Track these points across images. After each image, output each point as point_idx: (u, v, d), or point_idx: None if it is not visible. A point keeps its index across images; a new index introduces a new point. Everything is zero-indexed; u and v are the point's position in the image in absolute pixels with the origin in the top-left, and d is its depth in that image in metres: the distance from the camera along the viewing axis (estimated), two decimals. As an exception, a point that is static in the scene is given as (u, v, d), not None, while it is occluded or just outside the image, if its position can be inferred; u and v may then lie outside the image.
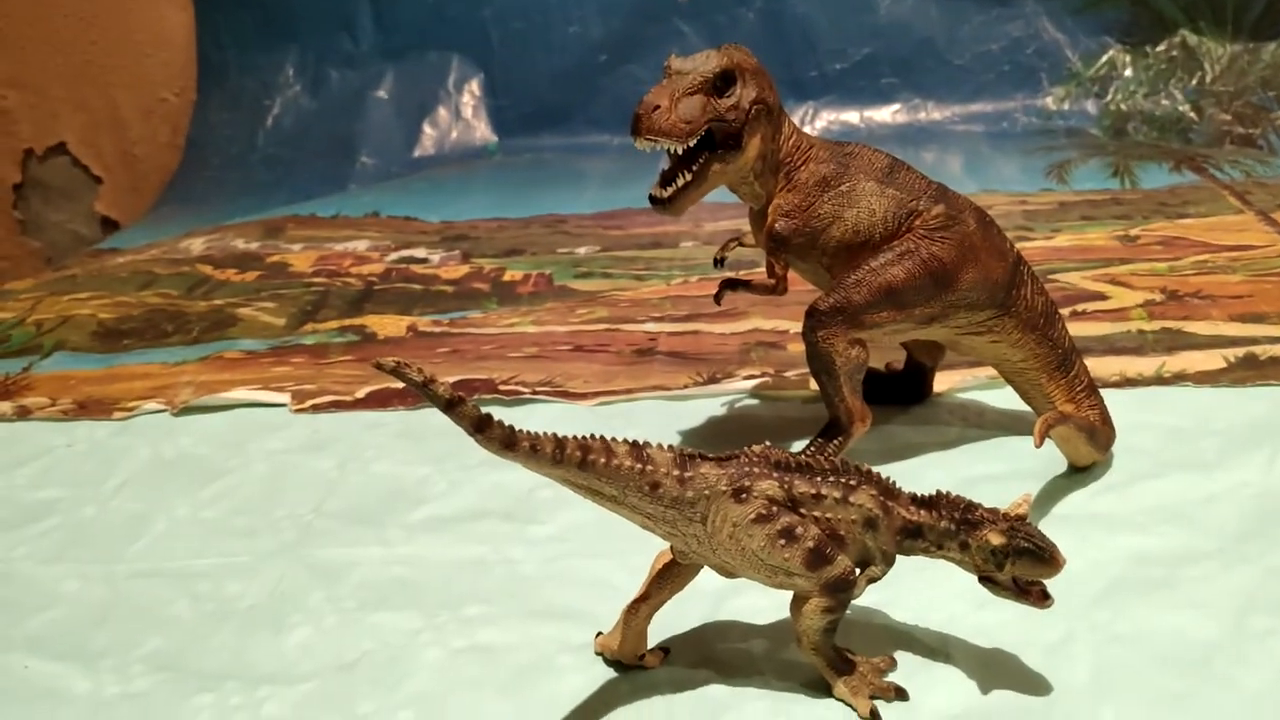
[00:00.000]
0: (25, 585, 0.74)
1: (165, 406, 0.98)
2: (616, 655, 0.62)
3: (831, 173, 0.77)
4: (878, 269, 0.75)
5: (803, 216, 0.77)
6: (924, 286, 0.75)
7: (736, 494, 0.55)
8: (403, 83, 1.89)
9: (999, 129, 1.70)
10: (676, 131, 0.74)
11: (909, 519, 0.57)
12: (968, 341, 0.80)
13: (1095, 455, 0.77)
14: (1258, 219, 1.26)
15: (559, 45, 1.84)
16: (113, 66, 1.97)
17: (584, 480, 0.54)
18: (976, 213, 0.78)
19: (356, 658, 0.65)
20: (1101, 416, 0.78)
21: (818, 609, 0.56)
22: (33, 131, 1.99)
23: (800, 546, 0.55)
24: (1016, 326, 0.78)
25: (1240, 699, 0.57)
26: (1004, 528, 0.55)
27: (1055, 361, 0.78)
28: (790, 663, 0.61)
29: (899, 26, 1.79)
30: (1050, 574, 0.55)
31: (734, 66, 0.75)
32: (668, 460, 0.55)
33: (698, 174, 0.76)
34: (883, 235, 0.76)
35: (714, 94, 0.75)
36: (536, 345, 1.07)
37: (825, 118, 1.77)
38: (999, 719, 0.57)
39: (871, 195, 0.76)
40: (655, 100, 0.74)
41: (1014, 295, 0.77)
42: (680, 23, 1.82)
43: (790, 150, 0.78)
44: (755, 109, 0.76)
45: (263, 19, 1.94)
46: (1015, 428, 0.84)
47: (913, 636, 0.62)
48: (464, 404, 0.50)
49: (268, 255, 1.42)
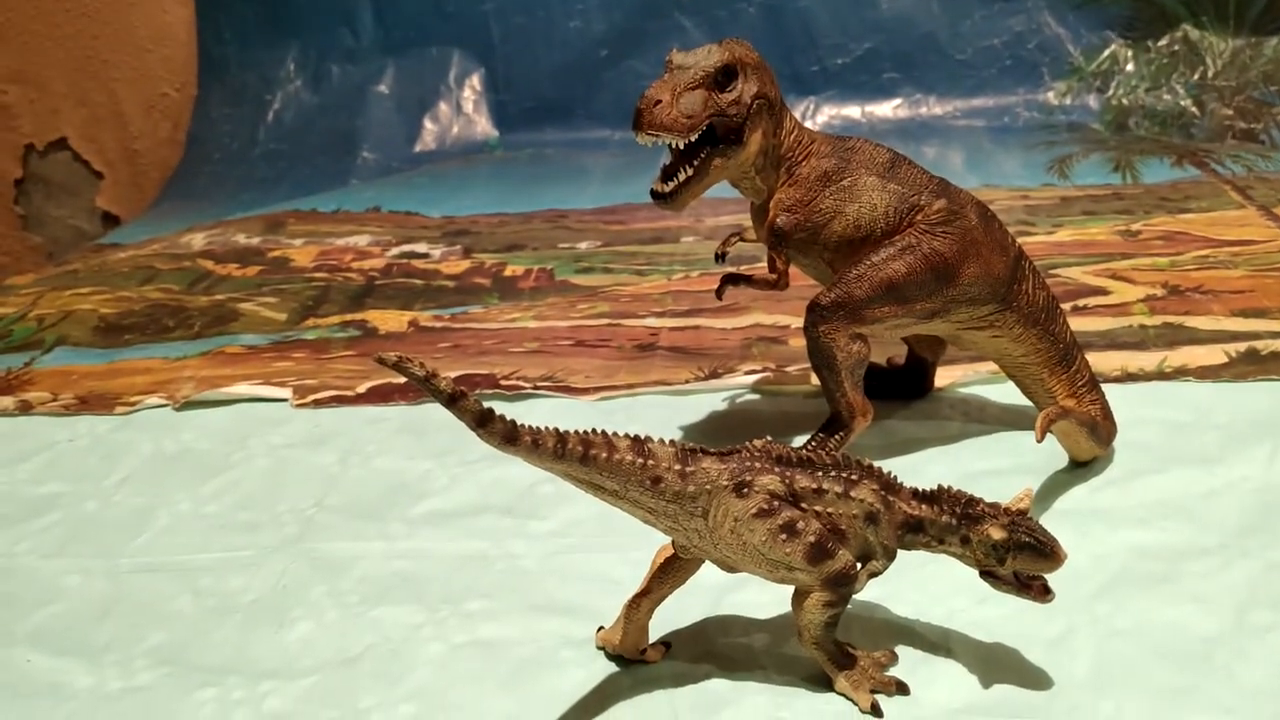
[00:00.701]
0: (27, 580, 0.74)
1: (167, 401, 0.98)
2: (618, 650, 0.62)
3: (833, 167, 0.77)
4: (879, 264, 0.75)
5: (804, 211, 0.77)
6: (925, 281, 0.75)
7: (738, 489, 0.55)
8: (404, 78, 1.89)
9: (1000, 124, 1.70)
10: (678, 126, 0.74)
11: (910, 514, 0.57)
12: (969, 336, 0.80)
13: (1097, 450, 0.77)
14: (1259, 214, 1.26)
15: (560, 40, 1.84)
16: (114, 61, 1.97)
17: (586, 475, 0.54)
18: (978, 207, 0.78)
19: (359, 652, 0.65)
20: (1103, 411, 0.78)
21: (819, 603, 0.56)
22: (34, 126, 1.99)
23: (801, 541, 0.55)
24: (1018, 321, 0.77)
25: (1241, 693, 0.57)
26: (1005, 522, 0.55)
27: (1057, 356, 0.78)
28: (791, 657, 0.61)
29: (900, 21, 1.78)
30: (1052, 568, 0.55)
31: (735, 61, 0.75)
32: (669, 455, 0.55)
33: (699, 169, 0.76)
34: (884, 230, 0.76)
35: (716, 89, 0.75)
36: (538, 340, 1.07)
37: (826, 112, 1.77)
38: (1000, 713, 0.57)
39: (873, 190, 0.76)
40: (657, 95, 0.74)
41: (1016, 290, 0.77)
42: (681, 17, 1.82)
43: (792, 145, 0.78)
44: (757, 103, 0.76)
45: (264, 14, 1.94)
46: (1017, 423, 0.84)
47: (914, 631, 0.62)
48: (466, 399, 0.50)
49: (269, 250, 1.42)
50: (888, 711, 0.57)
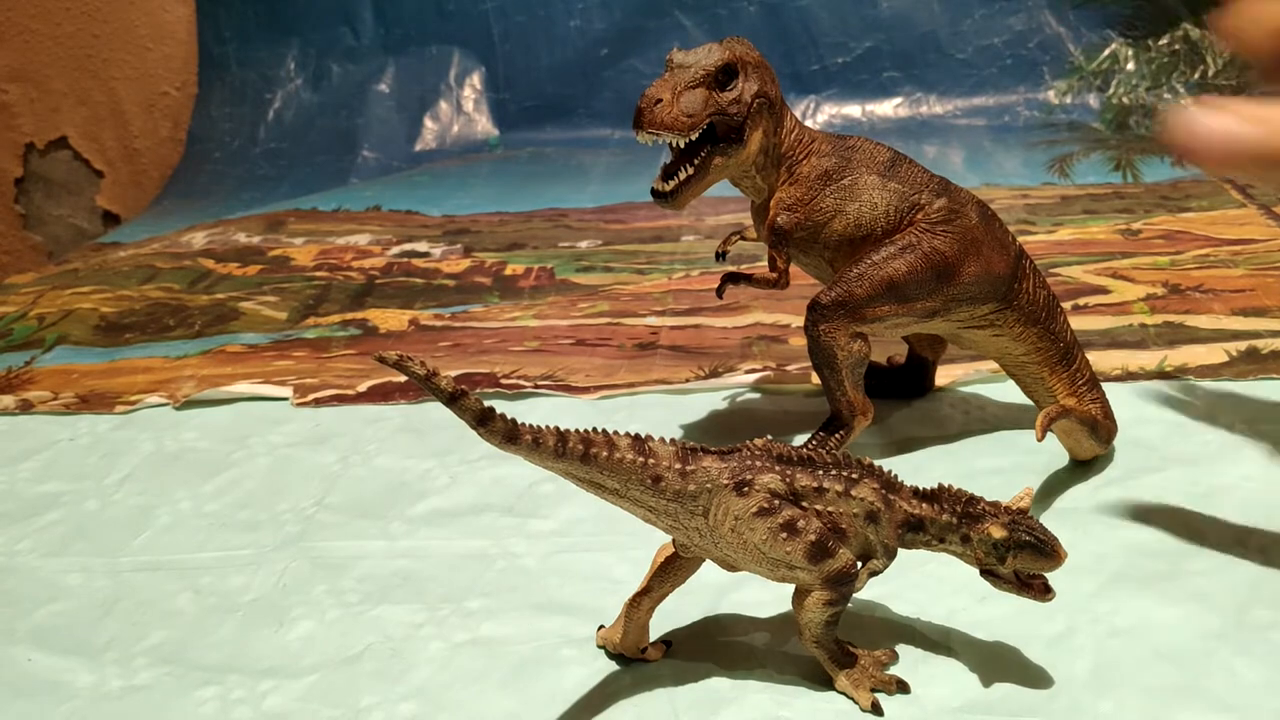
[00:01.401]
0: (29, 579, 0.74)
1: (167, 400, 0.98)
2: (618, 648, 0.62)
3: (833, 166, 0.77)
4: (879, 263, 0.75)
5: (805, 210, 0.77)
6: (926, 280, 0.75)
7: (738, 487, 0.55)
8: (404, 77, 1.89)
9: (1001, 123, 1.70)
10: (678, 125, 0.74)
11: (911, 512, 0.57)
12: (970, 335, 0.80)
13: (1097, 449, 0.77)
14: (1259, 213, 1.26)
15: (560, 39, 1.84)
16: (114, 60, 1.97)
17: (586, 474, 0.54)
18: (978, 206, 0.78)
19: (359, 651, 0.65)
20: (1103, 410, 0.78)
21: (819, 602, 0.56)
22: (34, 125, 2.00)
23: (802, 540, 0.55)
24: (1019, 320, 0.78)
25: (1241, 692, 0.57)
26: (1005, 521, 0.55)
27: (1057, 355, 0.78)
28: (792, 656, 0.61)
29: (901, 20, 1.79)
30: (1052, 567, 0.55)
31: (736, 60, 0.75)
32: (670, 454, 0.55)
33: (700, 167, 0.77)
34: (884, 229, 0.76)
35: (716, 88, 0.75)
36: (538, 339, 1.07)
37: (827, 111, 1.77)
38: (1002, 711, 0.57)
39: (873, 189, 0.76)
40: (657, 94, 0.74)
41: (1016, 289, 0.77)
42: (681, 16, 1.82)
43: (792, 144, 0.78)
44: (757, 102, 0.76)
45: (264, 13, 1.94)
46: (1017, 422, 0.84)
47: (915, 630, 0.62)
48: (466, 397, 0.50)
49: (269, 249, 1.42)
50: (890, 710, 0.57)
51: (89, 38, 1.96)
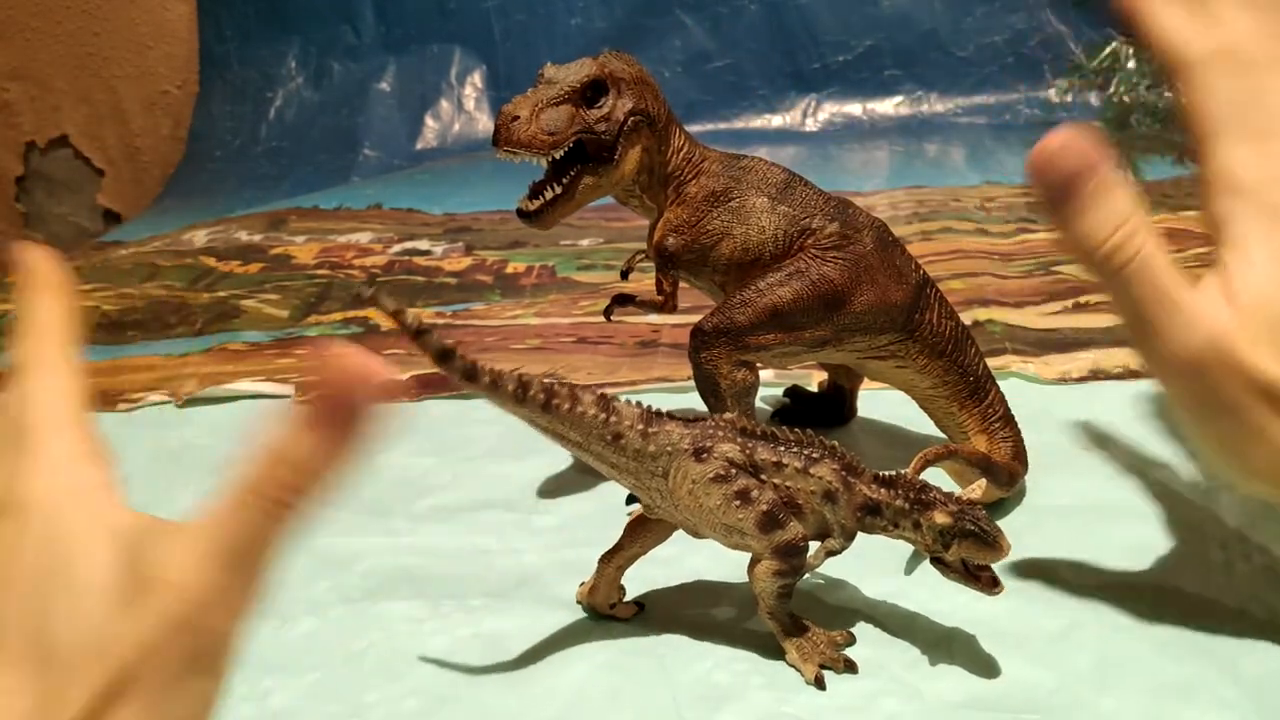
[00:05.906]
0: (31, 575, 0.74)
1: (169, 398, 0.98)
2: (590, 603, 0.64)
3: (722, 187, 0.74)
4: (764, 289, 0.72)
5: (691, 233, 0.75)
6: (813, 308, 0.72)
7: (697, 453, 0.56)
8: (405, 75, 1.89)
9: (1002, 121, 1.71)
10: (536, 143, 0.71)
11: (869, 496, 0.57)
12: (873, 366, 0.77)
13: (997, 492, 0.72)
14: (1261, 211, 1.26)
15: (561, 37, 1.84)
16: (115, 59, 1.97)
17: (548, 423, 0.56)
18: (877, 232, 0.74)
19: (362, 647, 0.65)
20: (1014, 449, 0.74)
21: (769, 571, 0.57)
22: (35, 124, 2.00)
23: (754, 509, 0.56)
24: (921, 352, 0.74)
25: (1242, 688, 0.57)
26: (953, 510, 0.56)
27: (966, 389, 0.75)
28: (795, 652, 0.61)
29: (902, 18, 1.79)
30: (995, 558, 0.56)
31: (606, 76, 0.72)
32: (634, 415, 0.57)
33: (568, 187, 0.74)
34: (773, 254, 0.73)
35: (583, 104, 0.72)
36: (540, 337, 1.08)
37: (828, 110, 1.77)
38: (1003, 708, 0.57)
39: (762, 212, 0.73)
40: (515, 110, 0.71)
41: (917, 319, 0.74)
42: (682, 14, 1.82)
43: (680, 163, 0.75)
44: (632, 120, 0.73)
45: (265, 11, 1.94)
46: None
47: (918, 626, 0.62)
48: (430, 334, 0.51)
49: (271, 247, 1.42)
50: (895, 706, 0.57)
51: (90, 36, 1.97)
